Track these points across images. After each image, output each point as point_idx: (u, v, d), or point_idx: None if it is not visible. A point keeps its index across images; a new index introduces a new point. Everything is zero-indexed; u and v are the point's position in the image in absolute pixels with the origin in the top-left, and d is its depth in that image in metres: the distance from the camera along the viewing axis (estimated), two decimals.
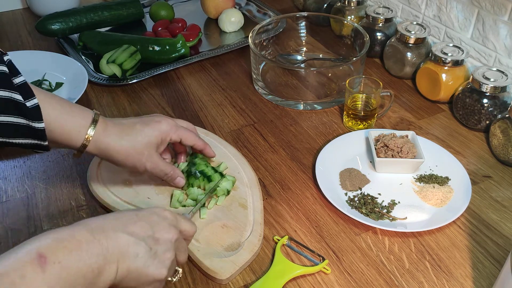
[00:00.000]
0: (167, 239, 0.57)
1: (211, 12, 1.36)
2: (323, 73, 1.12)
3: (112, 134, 0.70)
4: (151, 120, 0.75)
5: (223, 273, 0.68)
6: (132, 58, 1.11)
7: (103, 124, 0.70)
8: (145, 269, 0.54)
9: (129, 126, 0.72)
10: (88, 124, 0.69)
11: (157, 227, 0.57)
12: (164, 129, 0.74)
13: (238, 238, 0.73)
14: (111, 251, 0.51)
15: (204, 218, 0.76)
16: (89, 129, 0.68)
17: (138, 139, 0.72)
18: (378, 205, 0.80)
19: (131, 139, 0.71)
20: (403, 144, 0.85)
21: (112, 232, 0.52)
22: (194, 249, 0.71)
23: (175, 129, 0.76)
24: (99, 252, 0.50)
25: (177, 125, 0.77)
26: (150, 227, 0.56)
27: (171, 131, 0.75)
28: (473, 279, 0.70)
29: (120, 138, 0.71)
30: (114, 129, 0.71)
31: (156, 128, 0.74)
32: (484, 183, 0.86)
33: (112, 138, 0.70)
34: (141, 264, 0.53)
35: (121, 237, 0.53)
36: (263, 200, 0.81)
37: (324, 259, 0.71)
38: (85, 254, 0.49)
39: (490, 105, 0.93)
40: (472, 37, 1.06)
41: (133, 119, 0.75)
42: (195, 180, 0.80)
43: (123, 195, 0.79)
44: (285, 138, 0.96)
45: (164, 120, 0.76)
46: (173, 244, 0.58)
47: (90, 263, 0.49)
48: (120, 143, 0.71)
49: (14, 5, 1.45)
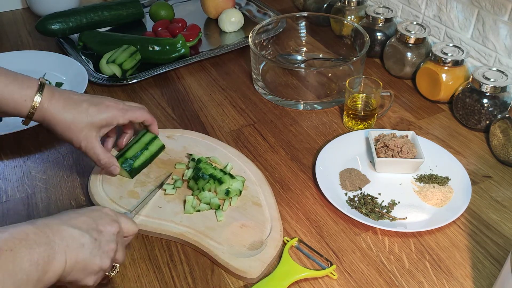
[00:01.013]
0: (109, 231, 0.60)
1: (211, 12, 1.36)
2: (323, 73, 1.12)
3: (58, 104, 0.72)
4: (101, 102, 0.77)
5: (253, 272, 0.68)
6: (132, 58, 1.11)
7: (49, 93, 0.72)
8: (92, 259, 0.56)
9: (76, 102, 0.74)
10: (34, 92, 0.71)
11: (100, 221, 0.60)
12: (112, 114, 0.77)
13: (259, 236, 0.74)
14: (58, 242, 0.53)
15: (222, 220, 0.76)
16: (36, 97, 0.71)
17: (80, 116, 0.74)
18: (378, 205, 0.80)
19: (74, 114, 0.73)
20: (403, 144, 0.85)
21: (57, 226, 0.55)
22: (218, 252, 0.71)
23: (123, 113, 0.78)
24: (46, 242, 0.52)
25: (125, 108, 0.79)
26: (93, 221, 0.59)
27: (118, 115, 0.78)
28: (473, 279, 0.70)
29: (64, 110, 0.73)
30: (61, 100, 0.73)
31: (103, 111, 0.76)
32: (484, 183, 0.86)
33: (57, 108, 0.72)
34: (88, 254, 0.56)
35: (66, 230, 0.55)
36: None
37: (331, 264, 0.71)
38: (33, 243, 0.50)
39: (490, 105, 0.93)
40: (472, 37, 1.06)
41: (84, 96, 0.77)
42: (205, 184, 0.80)
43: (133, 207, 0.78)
44: (285, 138, 0.96)
45: (113, 104, 0.78)
46: (116, 236, 0.61)
47: (39, 251, 0.50)
48: (63, 115, 0.72)
49: (14, 5, 1.45)
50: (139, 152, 0.84)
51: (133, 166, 0.82)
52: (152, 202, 0.79)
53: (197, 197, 0.80)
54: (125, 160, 0.82)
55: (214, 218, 0.77)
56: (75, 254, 0.54)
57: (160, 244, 0.75)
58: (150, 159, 0.86)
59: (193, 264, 0.72)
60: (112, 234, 0.60)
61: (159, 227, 0.75)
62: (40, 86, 0.72)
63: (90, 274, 0.57)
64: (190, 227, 0.75)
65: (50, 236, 0.53)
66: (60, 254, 0.53)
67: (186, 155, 0.89)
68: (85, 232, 0.57)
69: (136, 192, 0.81)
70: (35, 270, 0.49)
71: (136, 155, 0.83)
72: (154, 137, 0.86)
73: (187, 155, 0.88)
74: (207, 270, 0.71)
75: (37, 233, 0.52)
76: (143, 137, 0.86)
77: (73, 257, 0.54)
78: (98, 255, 0.57)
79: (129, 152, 0.83)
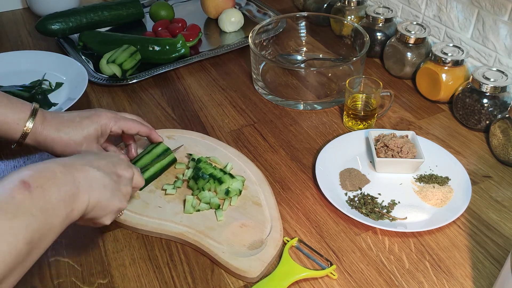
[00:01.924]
0: (126, 176, 0.65)
1: (211, 12, 1.36)
2: (323, 73, 1.12)
3: (51, 126, 0.73)
4: (92, 114, 0.77)
5: (253, 272, 0.68)
6: (132, 58, 1.11)
7: (41, 117, 0.73)
8: (112, 199, 0.60)
9: (68, 119, 0.75)
10: (27, 117, 0.72)
11: (119, 166, 0.64)
12: (103, 121, 0.77)
13: (259, 235, 0.74)
14: (82, 182, 0.56)
15: (222, 220, 0.76)
16: (28, 122, 0.72)
17: (76, 131, 0.75)
18: (378, 205, 0.80)
19: (69, 131, 0.74)
20: (403, 144, 0.85)
21: (81, 166, 0.58)
22: (218, 252, 0.71)
23: (115, 121, 0.78)
24: (72, 180, 0.55)
25: (117, 117, 0.79)
26: (112, 165, 0.63)
27: (110, 123, 0.78)
28: (473, 279, 0.70)
29: (58, 130, 0.74)
30: (53, 121, 0.74)
31: (95, 121, 0.76)
32: (484, 183, 0.86)
33: (50, 130, 0.73)
34: (109, 194, 0.60)
35: (90, 170, 0.58)
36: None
37: (331, 264, 0.71)
38: (60, 181, 0.53)
39: (490, 105, 0.93)
40: (472, 37, 1.06)
41: (74, 113, 0.77)
42: (205, 184, 0.80)
43: (133, 207, 0.78)
44: (285, 138, 0.96)
45: (104, 113, 0.78)
46: (131, 181, 0.66)
47: (65, 189, 0.53)
48: (58, 134, 0.73)
49: (14, 5, 1.45)
50: (150, 164, 0.83)
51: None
52: (152, 202, 0.79)
53: (197, 197, 0.80)
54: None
55: (214, 218, 0.77)
56: (97, 194, 0.58)
57: (160, 244, 0.75)
58: (161, 171, 0.84)
59: (193, 264, 0.72)
60: (129, 179, 0.65)
61: (159, 227, 0.75)
62: (33, 111, 0.73)
63: (109, 213, 0.62)
64: (190, 227, 0.75)
65: (75, 174, 0.56)
66: (84, 193, 0.56)
67: (186, 155, 0.89)
68: (107, 174, 0.60)
69: (137, 192, 0.81)
70: (63, 207, 0.52)
71: (146, 167, 0.82)
72: (166, 149, 0.85)
73: (187, 155, 0.88)
74: (207, 270, 0.71)
75: (64, 172, 0.54)
76: (154, 148, 0.84)
77: (96, 196, 0.58)
78: (117, 196, 0.62)
79: (139, 163, 0.82)
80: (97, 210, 0.59)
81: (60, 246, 0.74)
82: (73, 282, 0.69)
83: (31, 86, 1.06)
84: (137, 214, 0.77)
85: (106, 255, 0.73)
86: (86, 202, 0.56)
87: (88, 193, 0.56)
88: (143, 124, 0.83)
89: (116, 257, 0.73)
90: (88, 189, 0.57)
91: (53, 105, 1.03)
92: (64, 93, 1.07)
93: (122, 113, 0.82)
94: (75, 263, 0.72)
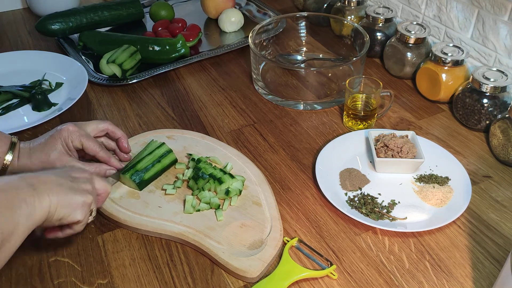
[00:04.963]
0: (83, 177, 0.67)
1: (211, 12, 1.36)
2: (323, 73, 1.12)
3: (23, 156, 0.76)
4: (55, 130, 0.79)
5: (253, 271, 0.68)
6: (132, 58, 1.11)
7: (16, 151, 0.76)
8: (72, 194, 0.63)
9: (36, 145, 0.78)
10: (5, 151, 0.75)
11: (72, 172, 0.67)
12: (64, 135, 0.78)
13: (259, 235, 0.74)
14: (40, 186, 0.60)
15: (222, 219, 0.76)
16: (7, 155, 0.75)
17: (44, 153, 0.77)
18: (378, 205, 0.80)
19: (38, 156, 0.77)
20: (403, 144, 0.85)
21: (35, 175, 0.62)
22: (218, 252, 0.71)
23: (77, 136, 0.78)
24: (30, 184, 0.59)
25: (80, 132, 0.79)
26: (65, 171, 0.67)
27: (71, 137, 0.78)
28: (473, 279, 0.70)
29: (29, 157, 0.76)
30: (24, 151, 0.77)
31: (57, 137, 0.78)
32: (484, 183, 0.86)
33: (24, 160, 0.76)
34: (67, 190, 0.62)
35: (44, 176, 0.62)
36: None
37: (331, 264, 0.71)
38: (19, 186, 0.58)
39: (490, 105, 0.93)
40: (472, 37, 1.06)
41: (41, 137, 0.79)
42: (205, 184, 0.80)
43: (133, 207, 0.78)
44: (285, 138, 0.96)
45: (66, 127, 0.78)
46: (90, 181, 0.68)
47: (25, 191, 0.58)
48: (31, 161, 0.76)
49: (14, 5, 1.45)
50: (151, 165, 0.82)
51: (143, 178, 0.81)
52: (152, 202, 0.79)
53: (197, 197, 0.80)
54: (135, 172, 0.81)
55: (214, 218, 0.77)
56: (56, 192, 0.61)
57: (160, 244, 0.75)
58: (161, 172, 0.84)
59: (193, 264, 0.72)
60: (86, 179, 0.67)
61: (159, 227, 0.75)
62: (12, 144, 0.75)
63: (76, 209, 0.63)
64: (190, 227, 0.75)
65: (32, 181, 0.60)
66: (43, 194, 0.59)
67: (186, 155, 0.89)
68: (61, 176, 0.64)
69: (136, 192, 0.81)
70: (25, 206, 0.56)
71: (147, 167, 0.82)
72: (168, 150, 0.84)
73: (187, 155, 0.88)
74: (207, 270, 0.71)
75: (21, 180, 0.59)
76: (157, 149, 0.84)
77: (55, 194, 0.60)
78: (78, 191, 0.64)
79: (140, 164, 0.82)
80: (62, 207, 0.61)
81: (60, 246, 0.74)
82: (73, 282, 0.69)
83: (31, 86, 1.06)
84: (137, 214, 0.77)
85: (106, 255, 0.73)
86: (47, 202, 0.59)
87: (47, 193, 0.60)
88: (102, 149, 0.81)
89: (116, 257, 0.73)
90: (46, 190, 0.60)
91: (53, 105, 1.03)
92: (64, 93, 1.07)
93: (92, 124, 0.81)
94: (75, 263, 0.72)
